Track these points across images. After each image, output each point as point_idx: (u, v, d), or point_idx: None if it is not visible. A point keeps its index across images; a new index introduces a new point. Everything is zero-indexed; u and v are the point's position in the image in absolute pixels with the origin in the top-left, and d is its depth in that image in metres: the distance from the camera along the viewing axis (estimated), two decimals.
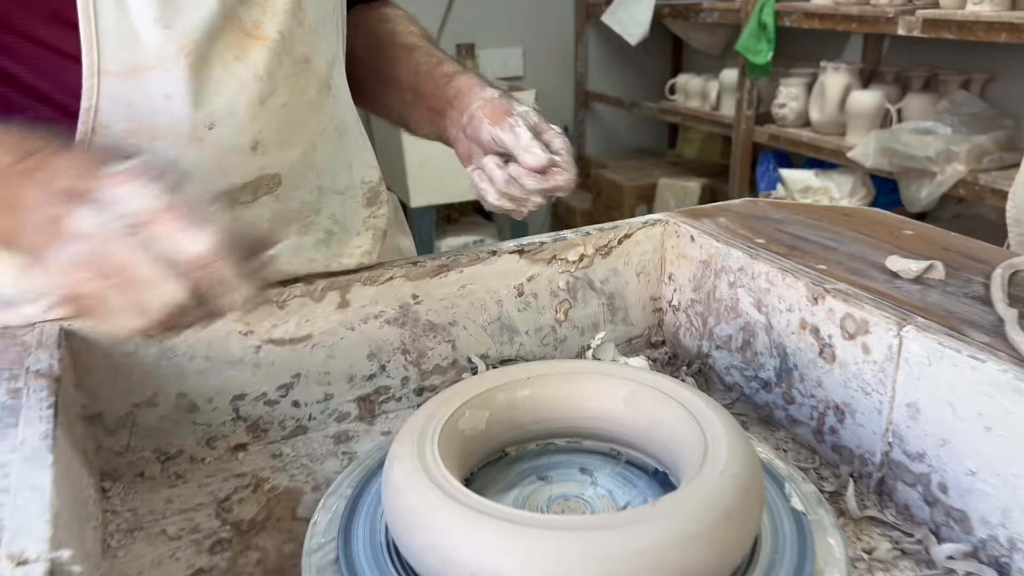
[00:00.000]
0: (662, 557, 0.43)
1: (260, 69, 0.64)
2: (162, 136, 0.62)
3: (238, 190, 0.66)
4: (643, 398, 0.58)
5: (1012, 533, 0.54)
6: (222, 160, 0.64)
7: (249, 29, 0.64)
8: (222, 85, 0.63)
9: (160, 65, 0.60)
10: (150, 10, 0.59)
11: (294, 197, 0.70)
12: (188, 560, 0.59)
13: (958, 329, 0.58)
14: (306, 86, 0.69)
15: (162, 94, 0.61)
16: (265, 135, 0.66)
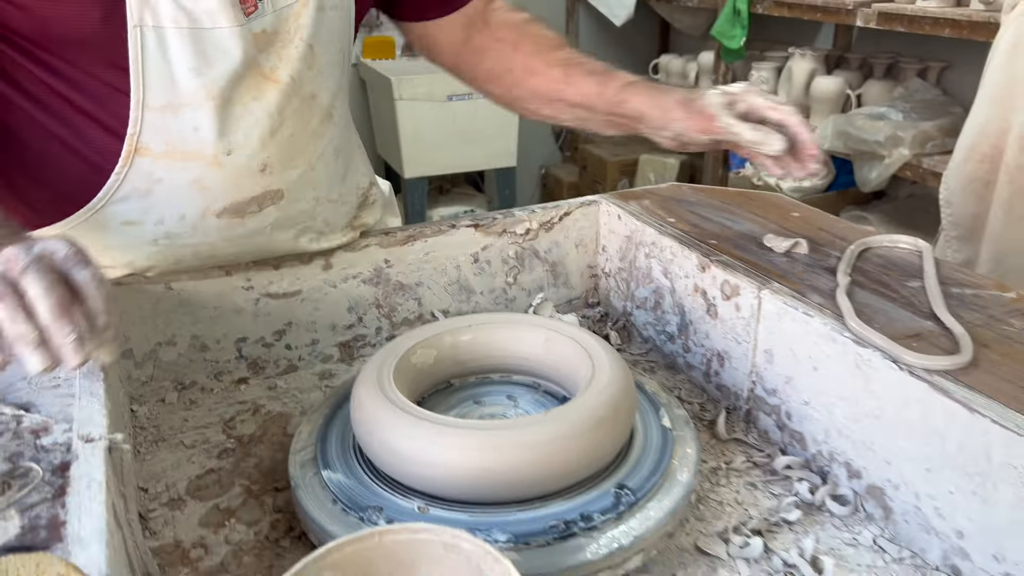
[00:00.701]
0: (548, 448, 0.60)
1: (272, 107, 0.79)
2: (189, 158, 0.77)
3: (246, 203, 0.81)
4: (556, 343, 0.75)
5: (832, 448, 0.71)
6: (236, 180, 0.79)
7: (266, 73, 0.78)
8: (241, 120, 0.77)
9: (192, 104, 0.75)
10: (187, 61, 0.73)
11: (293, 207, 0.85)
12: (201, 463, 0.76)
13: (803, 293, 0.75)
14: (310, 118, 0.83)
15: (192, 126, 0.76)
16: (272, 160, 0.81)
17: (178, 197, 0.78)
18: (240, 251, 0.84)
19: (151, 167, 0.76)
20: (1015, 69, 1.60)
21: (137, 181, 0.77)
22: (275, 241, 0.86)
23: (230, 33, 0.74)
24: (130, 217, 0.79)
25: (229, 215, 0.80)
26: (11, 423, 0.57)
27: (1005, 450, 0.55)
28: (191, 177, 0.78)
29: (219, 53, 0.74)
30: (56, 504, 0.49)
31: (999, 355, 0.64)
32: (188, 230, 0.80)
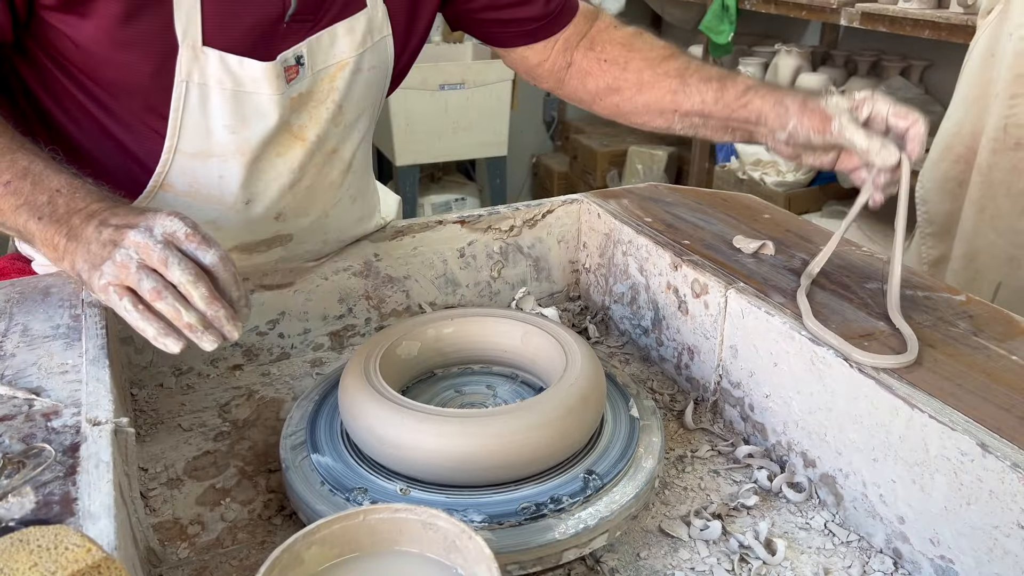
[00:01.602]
0: (521, 435, 0.65)
1: (296, 164, 0.82)
2: (210, 202, 0.80)
3: (255, 244, 0.85)
4: (533, 336, 0.79)
5: (789, 439, 0.76)
6: (250, 225, 0.83)
7: (295, 132, 0.81)
8: (264, 174, 0.81)
9: (221, 156, 0.78)
10: (224, 118, 0.77)
11: (300, 247, 0.89)
12: (198, 445, 0.81)
13: (766, 292, 0.80)
14: (330, 171, 0.87)
15: (218, 175, 0.79)
16: (287, 209, 0.85)
17: None
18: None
19: (172, 202, 0.80)
20: (989, 73, 1.65)
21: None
22: (277, 267, 0.90)
23: (270, 99, 0.77)
24: None
25: (238, 252, 0.85)
26: (23, 407, 0.62)
27: (940, 443, 0.60)
28: (208, 217, 0.81)
29: (256, 115, 0.78)
30: (68, 482, 0.54)
31: (943, 355, 0.69)
32: None
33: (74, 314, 0.76)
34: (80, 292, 0.79)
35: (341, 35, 0.81)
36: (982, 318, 0.76)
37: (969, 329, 0.74)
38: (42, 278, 0.83)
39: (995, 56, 1.64)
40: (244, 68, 0.75)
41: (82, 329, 0.73)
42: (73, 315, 0.75)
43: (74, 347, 0.70)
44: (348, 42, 0.81)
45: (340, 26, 0.81)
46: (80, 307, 0.77)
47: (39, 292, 0.80)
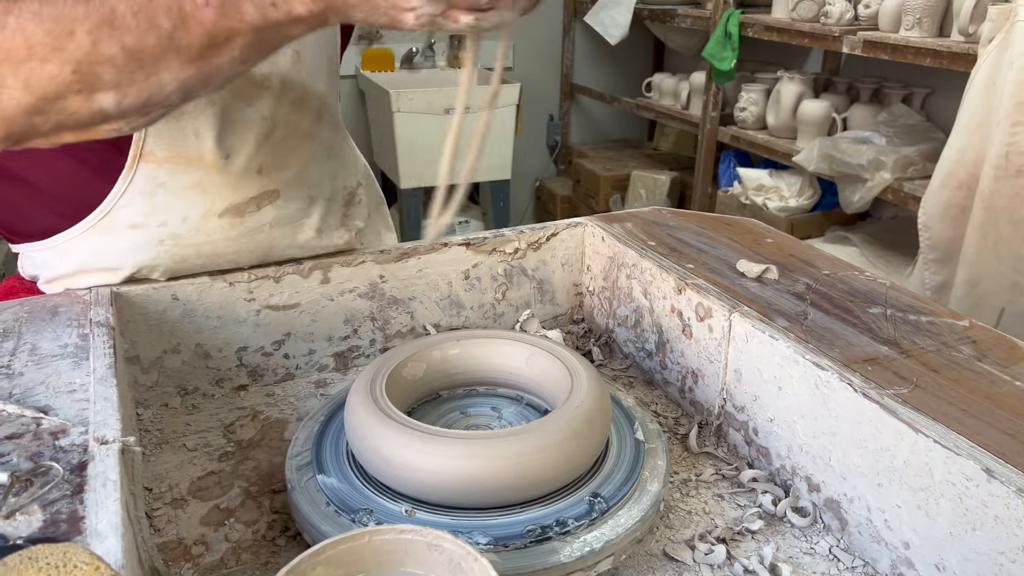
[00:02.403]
0: (526, 457, 0.65)
1: (266, 111, 0.85)
2: (191, 163, 0.82)
3: (244, 203, 0.86)
4: (538, 358, 0.80)
5: (794, 463, 0.76)
6: (234, 182, 0.85)
7: (258, 81, 0.84)
8: (236, 125, 0.83)
9: (191, 112, 0.80)
10: None
11: (289, 205, 0.91)
12: (202, 465, 0.81)
13: (770, 316, 0.80)
14: (300, 120, 0.89)
15: (193, 132, 0.81)
16: (268, 162, 0.86)
17: (181, 199, 0.83)
18: (240, 249, 0.89)
19: (155, 172, 0.81)
20: (991, 101, 1.66)
21: (142, 185, 0.82)
22: (274, 238, 0.90)
23: None
24: (135, 220, 0.84)
25: (230, 215, 0.86)
26: (31, 425, 0.62)
27: (945, 468, 0.60)
28: (192, 180, 0.83)
29: None
30: (75, 500, 0.54)
31: (947, 380, 0.69)
32: (191, 231, 0.85)
33: (82, 333, 0.76)
34: (88, 312, 0.80)
35: None
36: (985, 343, 0.76)
37: (973, 354, 0.74)
38: (50, 297, 0.84)
39: (996, 84, 1.65)
40: None
41: (90, 348, 0.73)
42: (81, 334, 0.76)
43: (82, 366, 0.70)
44: None
45: None
46: (88, 326, 0.77)
47: (47, 311, 0.80)
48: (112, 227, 0.83)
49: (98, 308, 0.80)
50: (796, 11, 2.30)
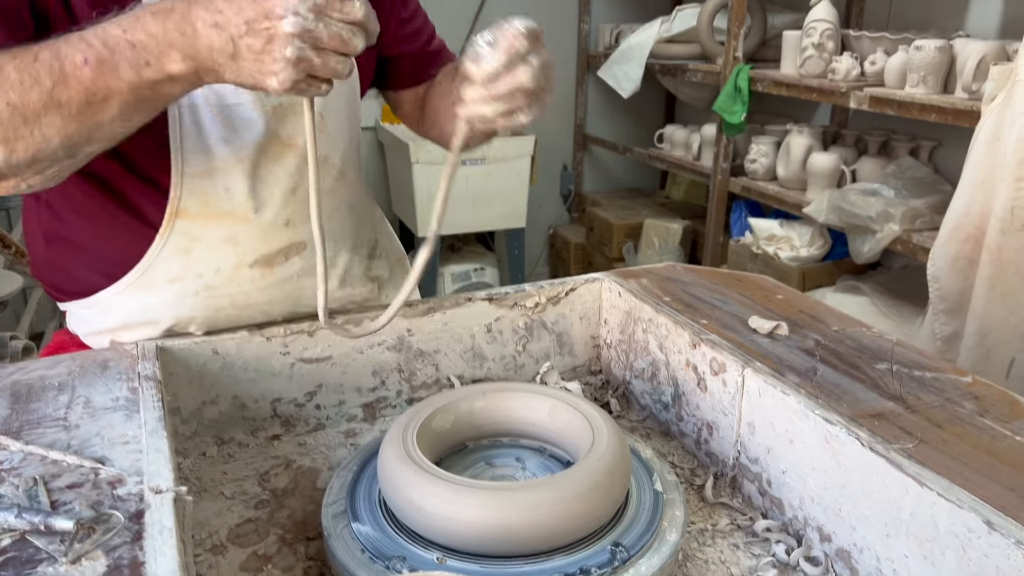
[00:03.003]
0: (550, 507, 0.68)
1: (292, 168, 0.91)
2: (223, 217, 0.88)
3: (274, 254, 0.92)
4: (560, 411, 0.84)
5: (806, 514, 0.79)
6: (264, 234, 0.91)
7: (285, 140, 0.90)
8: (266, 182, 0.90)
9: (223, 169, 0.87)
10: (217, 132, 0.86)
11: (315, 256, 0.95)
12: (240, 513, 0.85)
13: (780, 372, 0.84)
14: (324, 177, 0.95)
15: (224, 188, 0.88)
16: (295, 215, 0.92)
17: (214, 252, 0.89)
18: (271, 299, 0.94)
19: (190, 227, 0.88)
20: (995, 157, 1.71)
21: (178, 241, 0.88)
22: (302, 288, 0.96)
23: (251, 107, 0.87)
24: (173, 274, 0.89)
25: (260, 266, 0.91)
26: (90, 475, 0.66)
27: (948, 520, 0.64)
28: (225, 233, 0.89)
29: (244, 125, 0.87)
30: (135, 547, 0.58)
31: (950, 435, 0.73)
32: (224, 281, 0.91)
33: (131, 387, 0.81)
34: (135, 365, 0.85)
35: None
36: (988, 399, 0.79)
37: (975, 410, 0.77)
38: (100, 352, 0.89)
39: (1000, 141, 1.70)
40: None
41: (139, 401, 0.78)
42: (131, 387, 0.81)
43: (133, 419, 0.75)
44: None
45: None
46: (136, 380, 0.82)
47: (98, 365, 0.85)
48: (151, 283, 0.88)
49: (145, 362, 0.85)
50: (804, 67, 2.37)
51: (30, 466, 0.68)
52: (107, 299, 0.91)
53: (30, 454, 0.69)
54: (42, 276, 0.95)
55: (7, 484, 0.65)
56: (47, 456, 0.69)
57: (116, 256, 0.89)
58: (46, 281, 0.95)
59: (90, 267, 0.91)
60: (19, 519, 0.59)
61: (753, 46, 2.77)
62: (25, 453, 0.70)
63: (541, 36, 0.73)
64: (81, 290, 0.92)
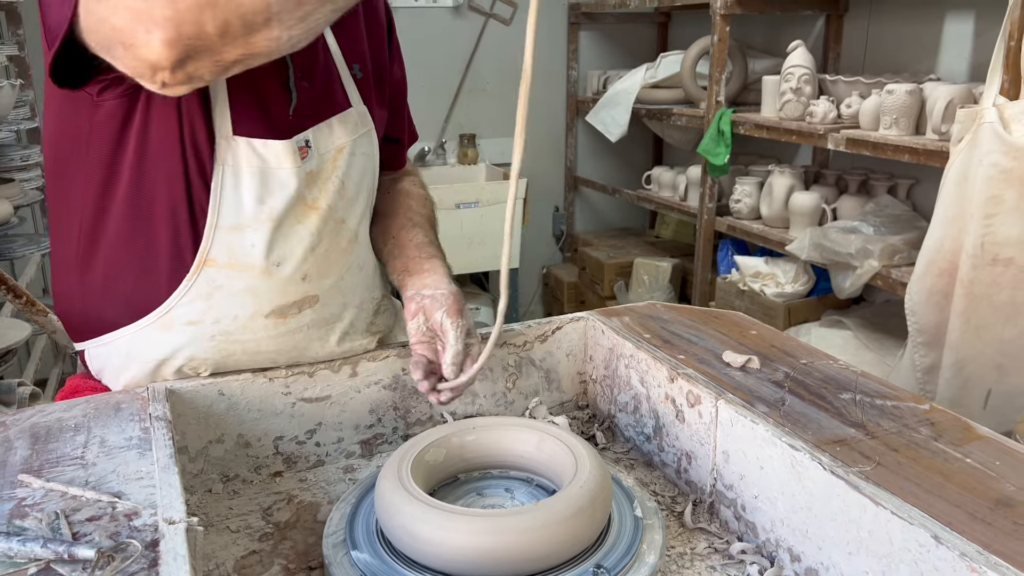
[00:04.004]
0: (537, 532, 0.74)
1: (313, 228, 0.98)
2: (246, 269, 0.95)
3: (288, 306, 0.98)
4: (547, 443, 0.89)
5: (777, 536, 0.84)
6: (282, 287, 0.97)
7: (309, 203, 0.98)
8: (288, 239, 0.96)
9: (252, 226, 0.94)
10: (254, 191, 0.93)
11: (325, 310, 1.02)
12: (245, 545, 0.89)
13: (751, 402, 0.90)
14: (340, 239, 1.02)
15: (251, 244, 0.94)
16: (312, 271, 0.99)
17: (234, 300, 0.95)
18: (280, 348, 1.00)
19: (215, 275, 0.94)
20: (964, 195, 1.79)
21: (202, 287, 0.94)
22: (310, 338, 1.01)
23: (289, 172, 0.95)
24: (192, 317, 0.95)
25: (275, 316, 0.97)
26: (108, 508, 0.72)
27: (902, 536, 0.69)
28: (247, 284, 0.95)
29: (279, 187, 0.95)
30: (151, 572, 0.63)
31: (905, 458, 0.79)
32: (240, 328, 0.97)
33: (143, 427, 0.86)
34: (147, 407, 0.90)
35: (336, 126, 1.01)
36: (942, 425, 0.85)
37: (930, 435, 0.83)
38: (113, 395, 0.94)
39: (968, 180, 1.78)
40: (268, 148, 0.93)
41: (151, 440, 0.83)
42: (143, 427, 0.86)
43: (146, 456, 0.80)
44: (343, 131, 1.02)
45: (335, 119, 1.01)
46: (148, 420, 0.87)
47: (111, 408, 0.91)
48: (170, 323, 0.94)
49: (155, 404, 0.91)
50: (783, 111, 2.47)
51: (51, 501, 0.73)
52: (126, 337, 0.97)
53: (51, 490, 0.75)
54: (67, 313, 1.01)
55: (31, 518, 0.71)
56: (67, 492, 0.74)
57: (143, 295, 0.95)
58: (70, 318, 1.01)
59: (116, 303, 0.96)
60: (44, 549, 0.65)
61: (735, 91, 2.88)
62: (46, 489, 0.75)
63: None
64: (101, 327, 0.97)
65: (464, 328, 0.99)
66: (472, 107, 3.62)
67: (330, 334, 1.03)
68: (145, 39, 0.70)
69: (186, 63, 0.72)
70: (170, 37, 0.70)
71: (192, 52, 0.72)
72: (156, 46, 0.70)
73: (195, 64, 0.73)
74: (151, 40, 0.70)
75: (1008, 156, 1.70)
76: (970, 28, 2.40)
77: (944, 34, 2.48)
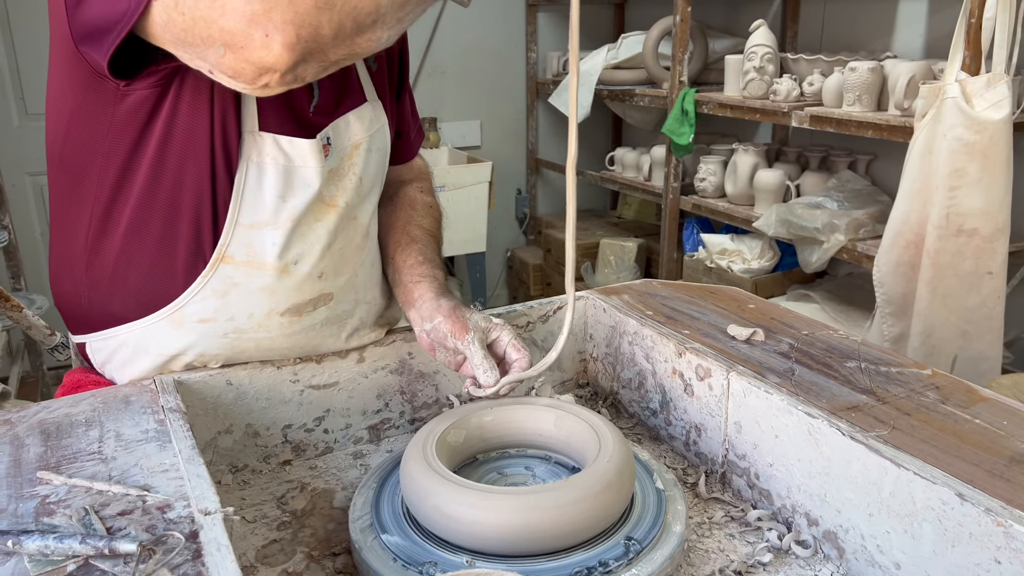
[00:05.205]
0: (565, 508, 0.75)
1: (331, 227, 0.96)
2: (264, 268, 0.92)
3: (304, 304, 0.96)
4: (565, 420, 0.90)
5: (793, 502, 0.87)
6: (299, 285, 0.95)
7: (328, 201, 0.96)
8: (306, 237, 0.94)
9: (272, 224, 0.91)
10: (277, 189, 0.91)
11: (339, 307, 1.00)
12: (264, 535, 0.89)
13: (762, 374, 0.92)
14: (354, 235, 1.00)
15: (271, 242, 0.92)
16: (327, 269, 0.97)
17: (250, 298, 0.93)
18: (293, 345, 0.99)
19: (232, 272, 0.92)
20: (929, 168, 1.85)
21: (217, 284, 0.92)
22: (323, 335, 1.00)
23: (314, 171, 0.93)
24: (205, 315, 0.93)
25: (290, 314, 0.96)
26: (138, 502, 0.70)
27: (924, 496, 0.72)
28: (264, 283, 0.93)
29: (303, 186, 0.93)
30: (197, 563, 0.62)
31: (918, 421, 0.82)
32: (254, 327, 0.95)
33: (158, 419, 0.85)
34: (157, 399, 0.88)
35: (353, 121, 0.99)
36: (947, 389, 0.89)
37: (937, 398, 0.86)
38: (120, 388, 0.92)
39: (932, 153, 1.84)
40: (294, 146, 0.91)
41: (169, 432, 0.82)
42: (157, 420, 0.84)
43: (167, 448, 0.79)
44: (359, 127, 1.00)
45: (351, 114, 0.99)
46: (162, 412, 0.86)
47: (120, 400, 0.89)
48: (181, 320, 0.92)
49: (167, 396, 0.89)
50: (747, 89, 2.51)
51: (77, 497, 0.71)
52: (134, 332, 0.94)
53: (75, 486, 0.73)
54: (68, 305, 0.97)
55: (59, 515, 0.69)
56: (92, 487, 0.73)
57: (155, 290, 0.92)
58: (72, 310, 0.97)
59: (125, 297, 0.93)
60: (83, 545, 0.63)
61: (696, 70, 2.91)
62: (69, 486, 0.73)
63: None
64: (107, 320, 0.94)
65: (476, 339, 0.95)
66: (432, 90, 3.59)
67: (342, 331, 1.02)
68: (263, 42, 0.69)
69: (298, 66, 0.72)
70: (290, 41, 0.69)
71: (307, 55, 0.71)
72: (277, 49, 0.69)
73: (305, 66, 0.73)
74: (271, 43, 0.69)
75: (971, 129, 1.76)
76: (924, 6, 2.46)
77: (899, 12, 2.54)
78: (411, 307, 1.02)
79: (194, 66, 0.76)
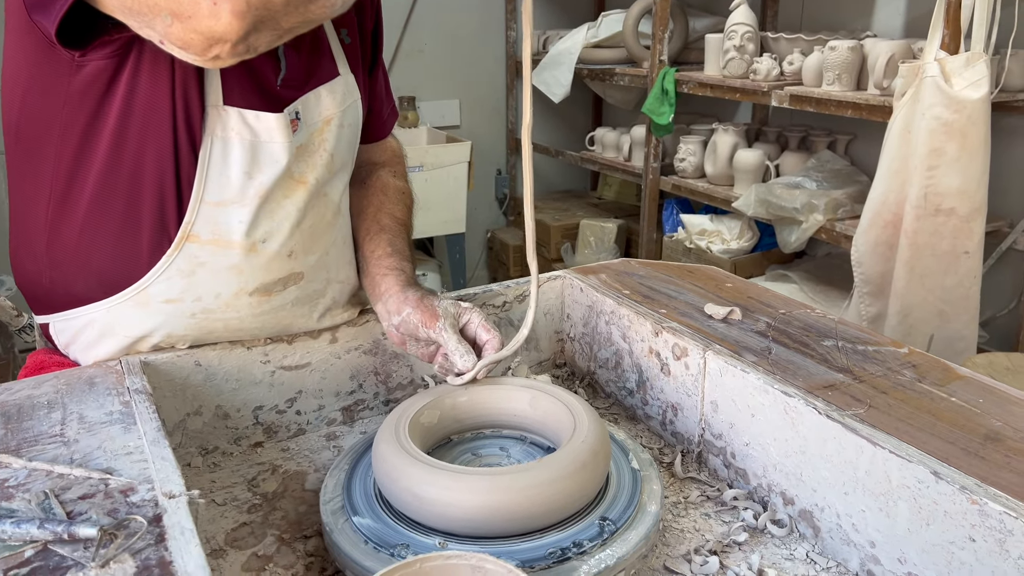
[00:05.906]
0: (539, 488, 0.73)
1: (300, 204, 0.93)
2: (231, 246, 0.90)
3: (273, 283, 0.94)
4: (540, 401, 0.89)
5: (769, 481, 0.86)
6: (267, 264, 0.93)
7: (297, 177, 0.93)
8: (275, 215, 0.92)
9: (239, 201, 0.89)
10: (243, 165, 0.88)
11: (310, 286, 0.98)
12: (234, 518, 0.87)
13: (739, 353, 0.91)
14: (325, 212, 0.98)
15: (237, 220, 0.89)
16: (297, 247, 0.95)
17: (217, 278, 0.91)
18: (263, 325, 0.97)
19: (198, 251, 0.89)
20: (907, 148, 1.84)
21: (183, 264, 0.89)
22: (294, 315, 0.98)
23: (281, 147, 0.90)
24: (171, 296, 0.91)
25: (259, 294, 0.94)
26: (100, 486, 0.68)
27: (900, 474, 0.71)
28: (231, 262, 0.91)
29: (270, 162, 0.90)
30: (160, 548, 0.61)
31: (895, 399, 0.81)
32: (222, 307, 0.93)
33: (123, 400, 0.82)
34: (123, 381, 0.86)
35: (324, 96, 0.97)
36: (923, 367, 0.88)
37: (913, 377, 0.86)
38: (84, 369, 0.90)
39: (911, 133, 1.84)
40: (260, 120, 0.89)
41: (134, 414, 0.80)
42: (122, 401, 0.82)
43: (132, 431, 0.77)
44: (331, 101, 0.97)
45: (323, 88, 0.97)
46: (127, 394, 0.84)
47: (84, 383, 0.86)
48: (147, 300, 0.90)
49: (133, 377, 0.87)
50: (727, 68, 2.49)
51: (37, 481, 0.69)
52: (98, 312, 0.91)
53: (35, 470, 0.71)
54: (30, 284, 0.95)
55: (18, 499, 0.67)
56: (52, 470, 0.71)
57: (119, 270, 0.90)
58: (33, 289, 0.94)
59: (89, 276, 0.90)
60: (42, 530, 0.61)
61: (676, 49, 2.89)
62: (29, 469, 0.71)
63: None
64: (70, 301, 0.92)
65: (448, 324, 0.92)
66: (410, 70, 3.54)
67: (313, 310, 1.00)
68: (211, 11, 0.66)
69: (250, 35, 0.69)
70: (240, 9, 0.66)
71: (258, 23, 0.68)
72: (226, 18, 0.66)
73: (256, 35, 0.70)
74: (219, 12, 0.66)
75: (949, 109, 1.76)
76: None
77: None
78: (378, 300, 1.00)
79: (144, 35, 0.73)
